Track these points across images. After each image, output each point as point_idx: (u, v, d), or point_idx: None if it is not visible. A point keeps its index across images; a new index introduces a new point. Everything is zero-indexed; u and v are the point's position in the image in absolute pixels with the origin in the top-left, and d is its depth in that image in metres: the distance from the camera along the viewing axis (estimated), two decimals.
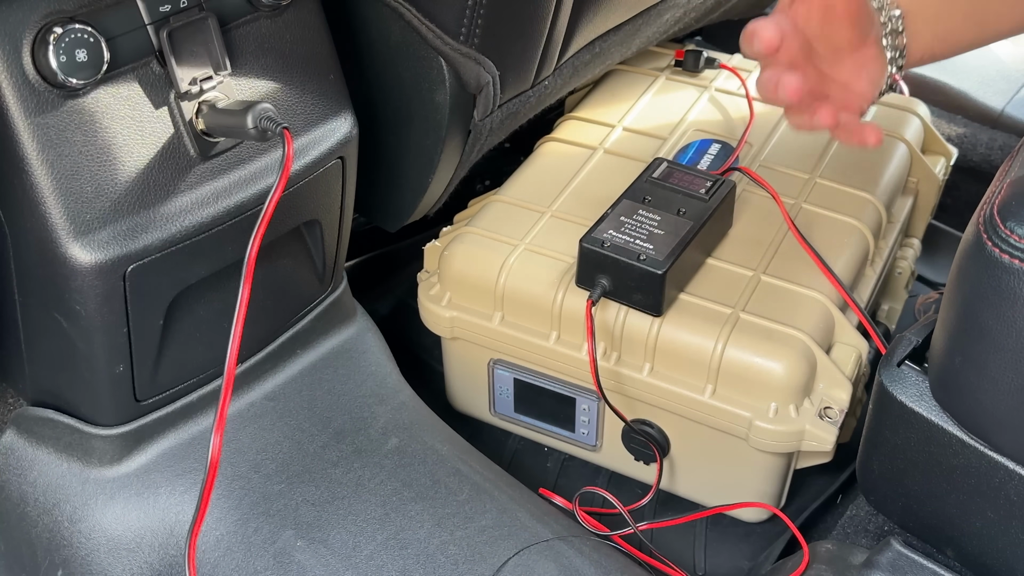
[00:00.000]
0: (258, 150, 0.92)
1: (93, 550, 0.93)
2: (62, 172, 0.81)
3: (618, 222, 1.01)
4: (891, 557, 0.88)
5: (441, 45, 0.98)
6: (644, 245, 0.99)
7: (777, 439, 0.97)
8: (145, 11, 0.82)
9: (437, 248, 1.12)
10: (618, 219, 1.02)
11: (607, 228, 1.01)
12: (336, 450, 1.02)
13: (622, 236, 1.00)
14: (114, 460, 0.95)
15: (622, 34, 1.17)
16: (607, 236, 1.00)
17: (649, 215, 1.02)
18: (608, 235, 1.00)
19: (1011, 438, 0.77)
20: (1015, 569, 0.82)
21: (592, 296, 0.99)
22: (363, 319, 1.13)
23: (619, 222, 1.01)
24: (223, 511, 0.96)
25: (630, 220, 1.02)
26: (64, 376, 0.93)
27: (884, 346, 1.00)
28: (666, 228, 1.01)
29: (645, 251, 0.98)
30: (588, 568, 0.94)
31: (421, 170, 1.10)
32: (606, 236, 1.00)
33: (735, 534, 1.09)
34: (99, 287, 0.84)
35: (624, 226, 1.01)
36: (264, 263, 0.93)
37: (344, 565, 0.93)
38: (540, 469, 1.16)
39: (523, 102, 1.10)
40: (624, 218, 1.02)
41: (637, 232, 1.00)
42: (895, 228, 1.17)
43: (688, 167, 1.08)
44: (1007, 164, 0.83)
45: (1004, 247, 0.70)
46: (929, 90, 1.53)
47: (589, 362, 0.99)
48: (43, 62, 0.78)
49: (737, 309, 1.00)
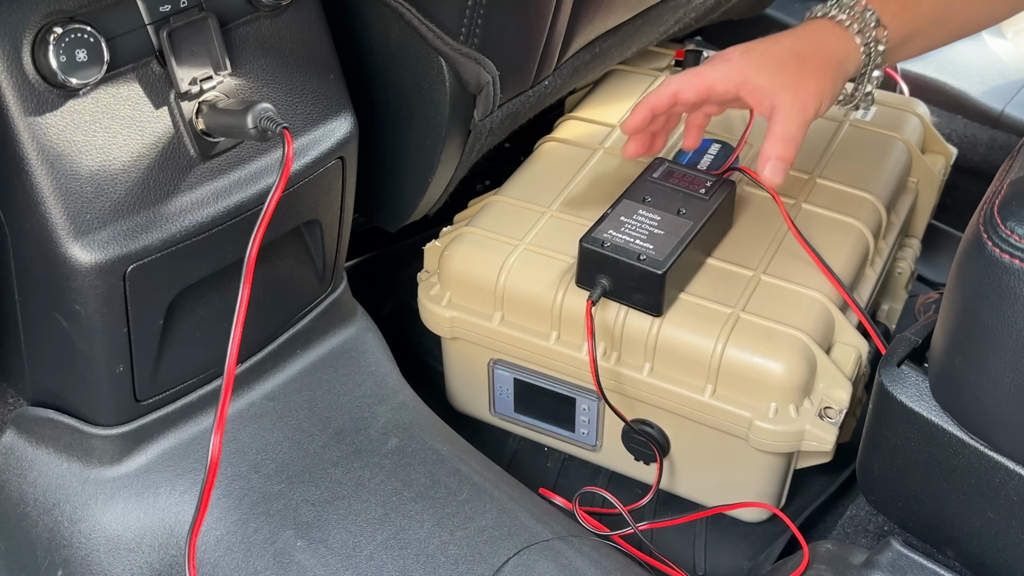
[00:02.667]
0: (258, 150, 0.92)
1: (93, 550, 0.93)
2: (62, 172, 0.81)
3: (618, 222, 1.01)
4: (891, 557, 0.88)
5: (441, 45, 0.98)
6: (644, 245, 0.99)
7: (777, 439, 0.97)
8: (145, 11, 0.82)
9: (437, 248, 1.12)
10: (618, 219, 1.02)
11: (607, 228, 1.01)
12: (336, 450, 1.02)
13: (622, 236, 1.00)
14: (114, 460, 0.95)
15: (622, 34, 1.17)
16: (607, 236, 1.00)
17: (649, 215, 1.02)
18: (608, 235, 1.00)
19: (1011, 438, 0.77)
20: (1015, 569, 0.82)
21: (592, 296, 0.98)
22: (363, 319, 1.13)
23: (619, 222, 1.01)
24: (223, 511, 0.96)
25: (630, 220, 1.01)
26: (64, 376, 0.93)
27: (884, 346, 1.00)
28: (666, 228, 1.00)
29: (645, 251, 0.98)
30: (588, 568, 0.94)
31: (421, 170, 1.10)
32: (606, 236, 1.00)
33: (735, 534, 1.09)
34: (99, 287, 0.84)
35: (624, 226, 1.01)
36: (264, 263, 0.93)
37: (344, 565, 0.93)
38: (540, 469, 1.16)
39: (523, 102, 1.10)
40: (624, 218, 1.02)
41: (637, 232, 1.00)
42: (895, 228, 1.17)
43: (688, 167, 1.08)
44: (1007, 164, 0.83)
45: (1004, 247, 0.70)
46: (929, 90, 1.53)
47: (589, 362, 0.99)
48: (43, 62, 0.78)
49: (737, 309, 1.00)
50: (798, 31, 0.96)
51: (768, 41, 0.95)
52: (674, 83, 0.96)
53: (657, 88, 0.98)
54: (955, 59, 1.58)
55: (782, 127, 0.92)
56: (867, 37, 0.95)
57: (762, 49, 0.95)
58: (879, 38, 0.95)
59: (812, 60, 0.93)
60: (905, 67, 1.53)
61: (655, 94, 0.97)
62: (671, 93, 0.96)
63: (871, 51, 0.95)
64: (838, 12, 0.96)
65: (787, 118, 0.92)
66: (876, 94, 1.30)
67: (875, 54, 0.96)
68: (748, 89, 0.93)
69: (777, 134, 0.92)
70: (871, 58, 0.96)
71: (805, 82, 0.92)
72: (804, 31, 0.96)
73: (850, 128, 1.24)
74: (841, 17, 0.95)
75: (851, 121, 1.25)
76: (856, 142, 1.22)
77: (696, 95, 0.96)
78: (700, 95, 0.96)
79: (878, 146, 1.21)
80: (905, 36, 0.98)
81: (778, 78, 0.92)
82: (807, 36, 0.95)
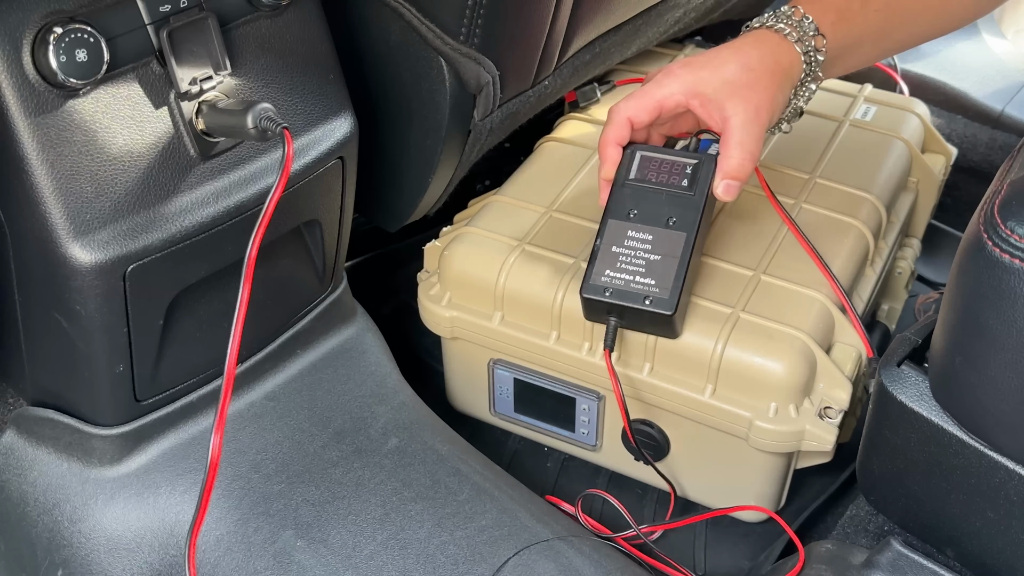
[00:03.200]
0: (258, 150, 0.92)
1: (93, 550, 0.93)
2: (62, 172, 0.81)
3: (611, 256, 0.96)
4: (891, 557, 0.88)
5: (441, 45, 0.98)
6: (646, 282, 0.94)
7: (777, 439, 0.97)
8: (145, 11, 0.82)
9: (437, 248, 1.12)
10: (610, 251, 0.96)
11: (603, 268, 0.95)
12: (336, 450, 1.02)
13: (621, 276, 0.95)
14: (114, 460, 0.95)
15: (622, 34, 1.17)
16: (606, 280, 0.95)
17: (640, 235, 0.96)
18: (607, 278, 0.95)
19: (1011, 438, 0.77)
20: (1015, 569, 0.82)
21: (607, 343, 0.97)
22: (363, 319, 1.13)
23: (612, 255, 0.96)
24: (223, 511, 0.96)
25: (623, 249, 0.96)
26: (64, 376, 0.93)
27: (872, 350, 1.01)
28: (661, 250, 0.95)
29: (649, 291, 0.94)
30: (588, 568, 0.94)
31: (421, 170, 1.10)
32: (605, 280, 0.95)
33: (735, 534, 1.09)
34: (99, 287, 0.84)
35: (619, 259, 0.95)
36: (264, 263, 0.93)
37: (344, 565, 0.93)
38: (540, 469, 1.16)
39: (523, 102, 1.10)
40: (616, 248, 0.96)
41: (634, 264, 0.95)
42: (895, 228, 1.17)
43: (661, 149, 1.00)
44: (1007, 164, 0.83)
45: (1004, 247, 0.70)
46: (929, 90, 1.53)
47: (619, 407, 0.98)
48: (43, 62, 0.78)
49: (737, 309, 1.00)
50: (739, 42, 0.95)
51: (710, 53, 0.94)
52: (623, 109, 0.94)
53: (609, 123, 0.95)
54: (955, 59, 1.58)
55: (737, 138, 0.91)
56: (807, 46, 0.94)
57: (704, 61, 0.93)
58: (818, 47, 0.94)
59: (758, 69, 0.92)
60: (905, 67, 1.53)
61: (612, 129, 0.95)
62: (625, 120, 0.94)
63: (811, 60, 0.95)
64: (776, 22, 0.95)
65: (742, 129, 0.90)
66: (875, 94, 1.31)
67: (814, 63, 0.95)
68: (698, 102, 0.92)
69: (732, 146, 0.91)
70: (811, 67, 0.95)
71: (755, 91, 0.91)
72: (745, 42, 0.95)
73: (850, 128, 1.24)
74: (780, 26, 0.94)
75: (851, 121, 1.25)
76: (856, 142, 1.22)
77: (648, 115, 0.94)
78: (652, 114, 0.94)
79: (878, 146, 1.21)
80: (844, 47, 0.96)
81: (726, 88, 0.91)
82: (749, 46, 0.94)
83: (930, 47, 1.57)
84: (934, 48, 1.58)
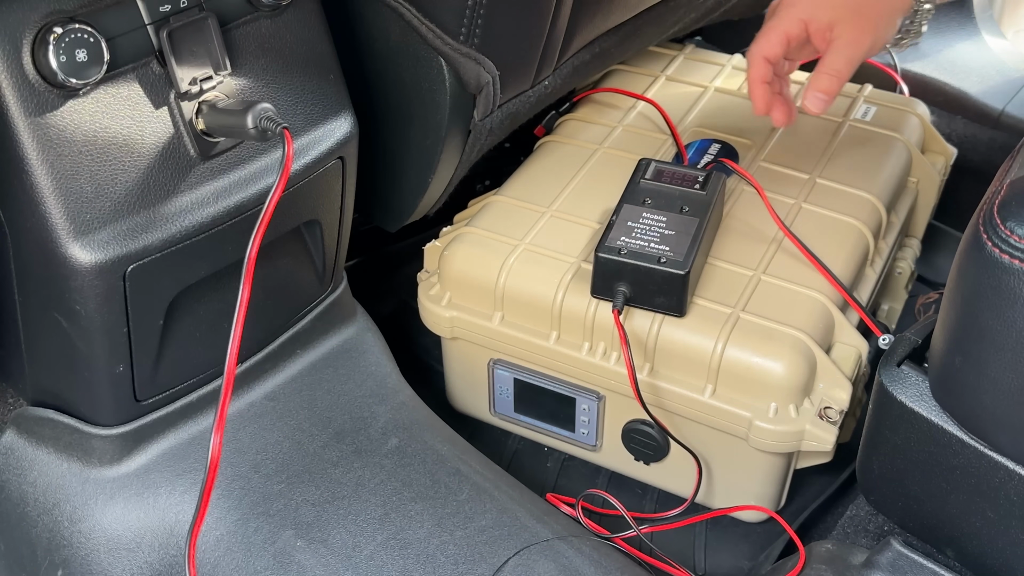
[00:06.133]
0: (258, 150, 0.92)
1: (93, 550, 0.93)
2: (62, 172, 0.81)
3: (627, 227, 1.00)
4: (891, 557, 0.88)
5: (441, 45, 0.98)
6: (660, 247, 0.98)
7: (777, 439, 0.97)
8: (145, 11, 0.82)
9: (437, 248, 1.12)
10: (626, 224, 1.01)
11: (619, 235, 1.00)
12: (336, 450, 1.02)
13: (636, 241, 0.99)
14: (114, 460, 0.95)
15: (622, 34, 1.17)
16: (622, 243, 0.99)
17: (655, 216, 1.01)
18: (622, 241, 0.99)
19: (1011, 438, 0.77)
20: (1015, 569, 0.82)
21: (616, 305, 0.98)
22: (363, 319, 1.13)
23: (628, 227, 1.00)
24: (223, 511, 0.96)
25: (638, 224, 1.01)
26: (64, 376, 0.93)
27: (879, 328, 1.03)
28: (675, 227, 1.00)
29: (663, 253, 0.98)
30: (588, 568, 0.94)
31: (421, 170, 1.10)
32: (621, 243, 0.99)
33: (735, 534, 1.09)
34: (99, 287, 0.84)
35: (634, 231, 1.00)
36: (264, 263, 0.93)
37: (344, 565, 0.93)
38: (540, 469, 1.16)
39: (523, 102, 1.10)
40: (632, 223, 1.01)
41: (649, 235, 0.99)
42: (895, 228, 1.17)
43: (674, 164, 1.09)
44: (1007, 164, 0.83)
45: (1004, 247, 0.70)
46: (929, 90, 1.53)
47: (628, 374, 0.98)
48: (43, 62, 0.78)
49: (737, 309, 1.00)
50: None
51: None
52: (757, 51, 1.02)
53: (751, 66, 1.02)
54: (955, 59, 1.58)
55: (830, 60, 0.99)
56: None
57: None
58: None
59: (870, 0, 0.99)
60: (905, 67, 1.53)
61: (754, 70, 1.02)
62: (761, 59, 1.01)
63: None
64: None
65: (838, 52, 0.98)
66: (875, 94, 1.31)
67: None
68: (814, 27, 1.00)
69: (824, 68, 0.99)
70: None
71: (862, 20, 0.98)
72: None
73: (850, 128, 1.24)
74: None
75: (851, 121, 1.25)
76: (856, 142, 1.22)
77: (780, 47, 1.01)
78: (782, 46, 1.01)
79: (878, 146, 1.21)
80: None
81: (838, 12, 0.98)
82: None
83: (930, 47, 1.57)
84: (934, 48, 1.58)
